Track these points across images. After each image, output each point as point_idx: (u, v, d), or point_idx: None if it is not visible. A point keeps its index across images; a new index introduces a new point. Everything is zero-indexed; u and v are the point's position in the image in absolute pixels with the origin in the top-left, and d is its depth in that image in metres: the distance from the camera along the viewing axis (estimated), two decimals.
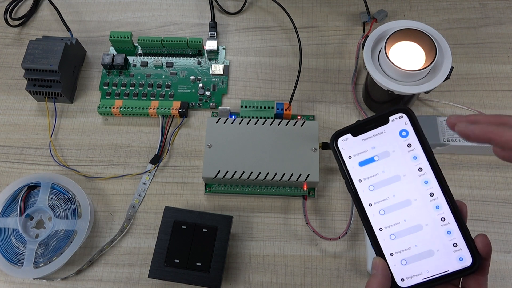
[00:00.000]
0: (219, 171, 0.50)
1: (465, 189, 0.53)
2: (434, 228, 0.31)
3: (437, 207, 0.31)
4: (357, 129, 0.33)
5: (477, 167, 0.54)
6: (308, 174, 0.50)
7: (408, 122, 0.32)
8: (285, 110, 0.55)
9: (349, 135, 0.33)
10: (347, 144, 0.33)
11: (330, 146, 0.33)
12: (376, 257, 0.31)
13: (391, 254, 0.31)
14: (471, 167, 0.54)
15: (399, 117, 0.32)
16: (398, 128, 0.32)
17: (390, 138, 0.32)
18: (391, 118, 0.32)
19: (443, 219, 0.31)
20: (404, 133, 0.32)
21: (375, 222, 0.32)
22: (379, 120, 0.32)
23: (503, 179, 0.53)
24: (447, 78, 0.48)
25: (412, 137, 0.32)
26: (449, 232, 0.31)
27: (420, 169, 0.32)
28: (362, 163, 0.32)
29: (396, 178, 0.32)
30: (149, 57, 0.61)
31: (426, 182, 0.32)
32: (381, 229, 0.32)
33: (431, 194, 0.31)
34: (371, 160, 0.32)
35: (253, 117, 0.54)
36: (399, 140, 0.32)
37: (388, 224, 0.32)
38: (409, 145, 0.32)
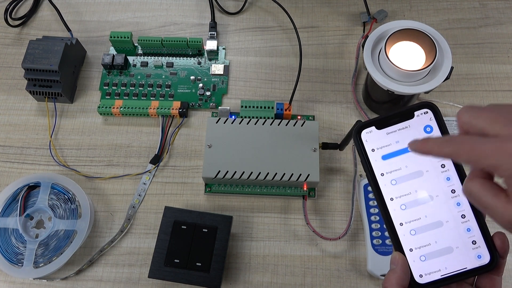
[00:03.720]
0: (219, 171, 0.50)
1: None
2: (454, 225, 0.31)
3: (458, 204, 0.31)
4: (381, 122, 0.32)
5: None
6: (308, 174, 0.50)
7: (433, 118, 0.32)
8: (285, 110, 0.55)
9: (373, 128, 0.33)
10: (371, 137, 0.33)
11: (353, 138, 0.33)
12: (395, 252, 0.31)
13: (411, 250, 0.31)
14: None
15: (424, 113, 0.32)
16: (423, 123, 0.32)
17: (414, 133, 0.32)
18: (416, 113, 0.32)
19: (463, 216, 0.31)
20: (428, 129, 0.32)
21: (396, 216, 0.32)
22: (404, 115, 0.32)
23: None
24: (447, 78, 0.48)
25: (437, 133, 0.32)
26: (468, 230, 0.31)
27: (442, 166, 0.32)
28: (385, 157, 0.32)
29: (419, 173, 0.32)
30: (149, 57, 0.61)
31: (448, 178, 0.32)
32: (401, 224, 0.32)
33: (453, 191, 0.31)
34: (394, 154, 0.32)
35: (253, 117, 0.54)
36: (423, 135, 0.32)
37: (409, 219, 0.32)
38: None
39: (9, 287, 0.50)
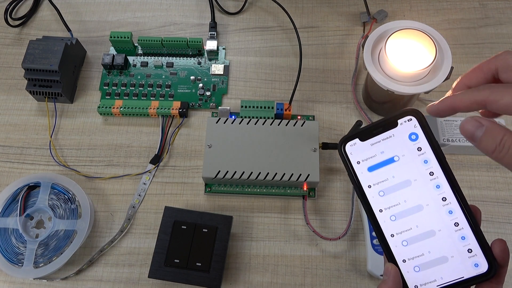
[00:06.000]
0: (219, 171, 0.50)
1: (465, 189, 0.53)
2: (447, 234, 0.30)
3: (450, 212, 0.30)
4: (365, 134, 0.32)
5: (477, 167, 0.54)
6: (308, 174, 0.50)
7: (417, 125, 0.31)
8: (285, 110, 0.55)
9: (357, 140, 0.32)
10: (355, 149, 0.32)
11: (338, 151, 0.32)
12: (388, 263, 0.31)
13: (404, 261, 0.31)
14: (471, 167, 0.54)
15: (408, 120, 0.31)
16: (407, 131, 0.31)
17: (399, 142, 0.31)
18: (399, 121, 0.31)
19: (456, 224, 0.30)
20: (413, 137, 0.31)
21: (386, 228, 0.31)
22: (388, 124, 0.31)
23: (503, 179, 0.53)
24: (447, 78, 0.48)
25: (422, 140, 0.31)
26: (463, 238, 0.30)
27: (431, 173, 0.31)
28: (371, 168, 0.32)
29: (407, 183, 0.31)
30: (149, 57, 0.61)
31: (438, 186, 0.30)
32: (392, 235, 0.31)
33: (444, 199, 0.30)
34: (380, 165, 0.31)
35: (253, 117, 0.54)
36: (408, 143, 0.31)
37: (400, 230, 0.31)
38: (419, 149, 0.31)
39: (9, 287, 0.50)
